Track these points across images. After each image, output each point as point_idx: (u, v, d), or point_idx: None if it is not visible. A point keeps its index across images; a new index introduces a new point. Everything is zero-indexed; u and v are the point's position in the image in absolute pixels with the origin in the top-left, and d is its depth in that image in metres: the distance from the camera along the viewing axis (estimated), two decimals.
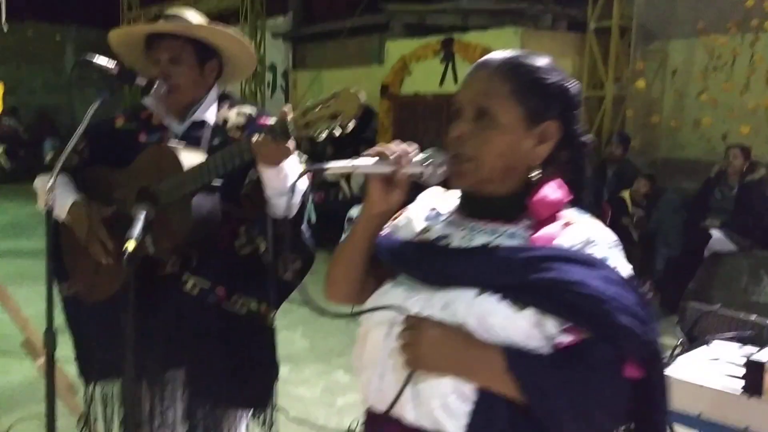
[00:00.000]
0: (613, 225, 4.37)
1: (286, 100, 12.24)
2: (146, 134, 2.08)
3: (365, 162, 1.18)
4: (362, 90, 1.60)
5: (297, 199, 1.96)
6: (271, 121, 2.13)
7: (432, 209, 1.32)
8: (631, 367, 1.10)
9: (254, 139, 1.74)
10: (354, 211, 6.46)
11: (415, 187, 1.28)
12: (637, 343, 1.09)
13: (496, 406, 1.11)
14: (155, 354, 1.98)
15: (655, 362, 1.13)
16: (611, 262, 1.13)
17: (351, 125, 1.68)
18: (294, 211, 1.98)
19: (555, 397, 1.08)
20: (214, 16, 13.02)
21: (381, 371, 1.20)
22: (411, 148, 1.20)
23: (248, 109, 2.13)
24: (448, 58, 7.49)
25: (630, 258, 1.19)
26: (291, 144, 1.74)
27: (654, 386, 1.14)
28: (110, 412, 2.23)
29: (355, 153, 1.37)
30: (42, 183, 2.12)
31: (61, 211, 2.00)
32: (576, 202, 1.22)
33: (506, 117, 1.17)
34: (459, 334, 1.12)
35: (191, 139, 2.03)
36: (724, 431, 1.85)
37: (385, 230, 1.32)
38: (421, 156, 1.20)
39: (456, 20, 7.63)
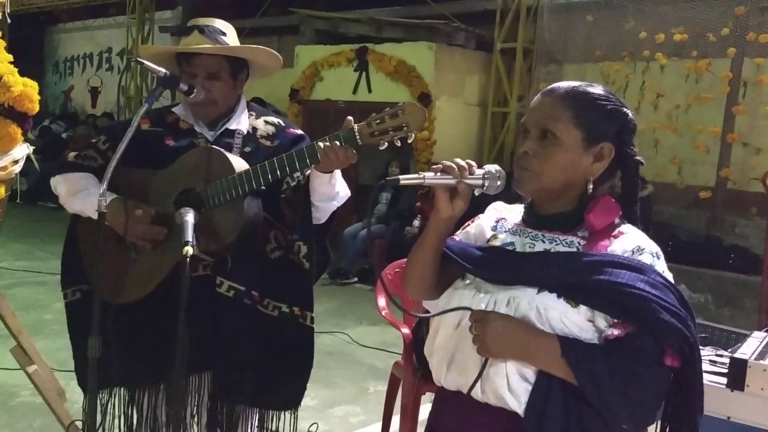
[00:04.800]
0: None
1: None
2: (174, 138, 2.07)
3: (432, 174, 1.35)
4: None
5: (339, 204, 2.03)
6: (298, 131, 2.19)
7: (497, 220, 1.51)
8: (671, 357, 1.27)
9: (322, 144, 1.79)
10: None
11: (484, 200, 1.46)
12: (677, 337, 1.25)
13: (553, 387, 1.28)
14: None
15: (691, 354, 1.28)
16: (657, 268, 1.31)
17: (413, 137, 1.79)
18: (327, 216, 2.06)
19: (603, 380, 1.24)
20: (97, 6, 12.38)
21: (450, 358, 1.40)
22: (472, 163, 1.38)
23: (274, 119, 2.17)
24: (363, 66, 7.63)
25: None
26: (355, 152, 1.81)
27: (691, 374, 1.30)
28: (110, 420, 2.17)
29: None
30: (67, 185, 2.04)
31: (92, 211, 1.94)
32: (626, 215, 1.41)
33: (567, 138, 1.35)
34: (521, 324, 1.30)
35: (222, 145, 2.04)
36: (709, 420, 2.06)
37: (458, 236, 1.52)
38: (481, 170, 1.37)
39: (370, 31, 7.77)
